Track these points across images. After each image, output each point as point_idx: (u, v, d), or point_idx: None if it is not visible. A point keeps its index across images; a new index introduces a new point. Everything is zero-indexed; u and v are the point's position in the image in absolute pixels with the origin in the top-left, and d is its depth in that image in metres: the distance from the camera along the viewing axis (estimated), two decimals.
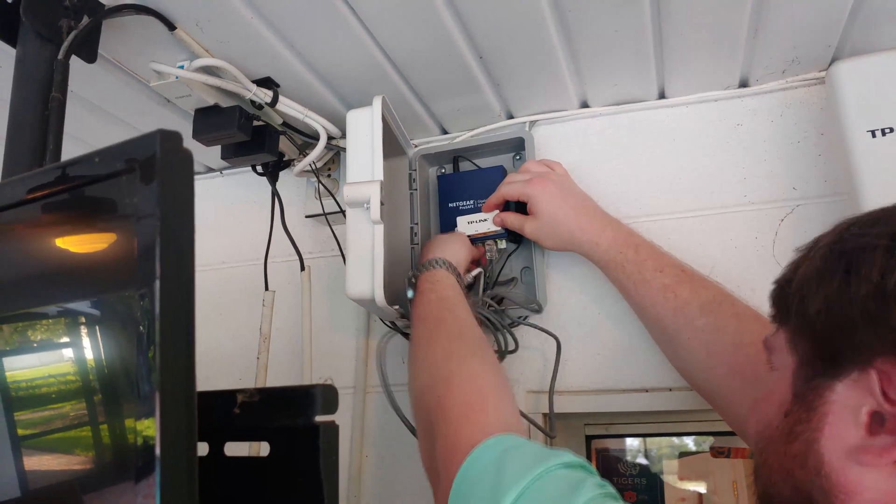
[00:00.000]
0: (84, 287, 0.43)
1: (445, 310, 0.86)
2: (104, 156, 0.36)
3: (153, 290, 0.34)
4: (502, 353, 1.00)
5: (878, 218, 0.50)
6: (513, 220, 1.01)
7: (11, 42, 0.76)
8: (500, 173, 1.08)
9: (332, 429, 0.47)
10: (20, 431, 0.52)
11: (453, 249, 0.98)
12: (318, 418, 0.47)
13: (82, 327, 0.45)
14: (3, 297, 0.49)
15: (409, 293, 0.94)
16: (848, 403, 0.46)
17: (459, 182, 1.11)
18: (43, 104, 0.73)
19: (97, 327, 0.43)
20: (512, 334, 1.01)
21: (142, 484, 0.36)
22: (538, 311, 1.03)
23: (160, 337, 0.33)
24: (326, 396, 0.47)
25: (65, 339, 0.47)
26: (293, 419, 0.47)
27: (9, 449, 0.50)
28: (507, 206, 1.04)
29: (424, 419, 0.75)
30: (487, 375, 0.75)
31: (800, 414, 0.48)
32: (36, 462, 0.52)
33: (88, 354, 0.45)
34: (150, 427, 0.36)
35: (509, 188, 1.01)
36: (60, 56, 0.74)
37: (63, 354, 0.48)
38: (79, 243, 0.42)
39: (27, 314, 0.50)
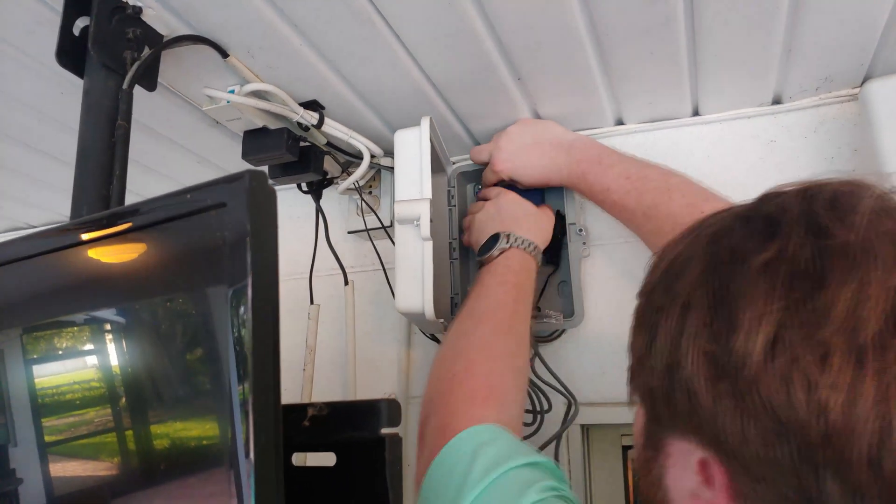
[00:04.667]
0: (175, 307, 0.47)
1: (511, 299, 0.88)
2: (196, 192, 0.40)
3: (247, 317, 0.37)
4: (536, 414, 1.02)
5: (680, 270, 0.46)
6: (486, 173, 1.10)
7: (79, 73, 0.79)
8: (537, 190, 1.10)
9: (397, 441, 0.50)
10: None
11: (542, 231, 1.01)
12: (384, 430, 0.50)
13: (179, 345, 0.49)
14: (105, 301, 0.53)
15: (495, 251, 0.94)
16: (682, 453, 0.45)
17: None
18: (109, 132, 0.77)
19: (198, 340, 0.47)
20: (544, 394, 1.02)
21: (233, 485, 0.39)
22: None
23: (253, 362, 0.36)
24: (391, 410, 0.51)
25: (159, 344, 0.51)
26: (360, 432, 0.50)
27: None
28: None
29: (436, 381, 0.78)
30: (507, 379, 0.77)
31: (649, 452, 0.49)
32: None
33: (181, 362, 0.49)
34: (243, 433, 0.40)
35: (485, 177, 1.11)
36: (125, 86, 0.78)
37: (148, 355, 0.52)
38: (175, 268, 0.46)
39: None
